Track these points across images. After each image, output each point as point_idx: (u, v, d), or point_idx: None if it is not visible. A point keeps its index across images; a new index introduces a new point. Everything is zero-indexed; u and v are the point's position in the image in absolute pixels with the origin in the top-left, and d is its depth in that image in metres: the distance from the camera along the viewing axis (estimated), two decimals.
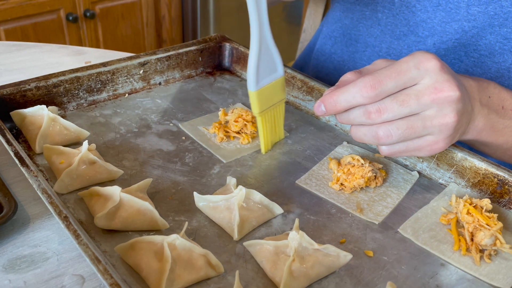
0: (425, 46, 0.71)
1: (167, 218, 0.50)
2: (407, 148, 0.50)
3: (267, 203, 0.51)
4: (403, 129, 0.47)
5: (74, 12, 1.79)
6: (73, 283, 0.43)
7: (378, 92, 0.46)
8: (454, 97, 0.47)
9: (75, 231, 0.42)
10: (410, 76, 0.46)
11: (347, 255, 0.45)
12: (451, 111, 0.47)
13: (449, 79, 0.47)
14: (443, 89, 0.46)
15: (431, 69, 0.46)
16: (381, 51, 0.76)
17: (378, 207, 0.54)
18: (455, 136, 0.50)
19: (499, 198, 0.55)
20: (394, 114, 0.47)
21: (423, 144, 0.49)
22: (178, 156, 0.59)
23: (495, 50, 0.66)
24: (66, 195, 0.52)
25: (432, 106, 0.47)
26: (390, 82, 0.46)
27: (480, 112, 0.53)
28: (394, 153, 0.51)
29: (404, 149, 0.50)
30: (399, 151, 0.50)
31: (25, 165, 0.49)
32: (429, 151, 0.50)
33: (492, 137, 0.55)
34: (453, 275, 0.46)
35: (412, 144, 0.49)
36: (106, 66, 0.68)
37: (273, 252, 0.45)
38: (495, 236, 0.48)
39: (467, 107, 0.50)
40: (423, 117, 0.47)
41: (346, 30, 0.81)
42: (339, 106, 0.49)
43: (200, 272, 0.43)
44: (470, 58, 0.68)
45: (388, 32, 0.74)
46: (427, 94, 0.46)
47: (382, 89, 0.46)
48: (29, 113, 0.59)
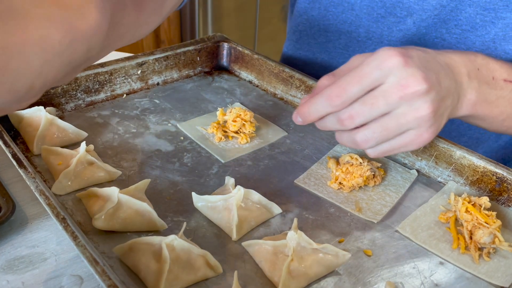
0: (405, 26, 0.70)
1: (166, 218, 0.50)
2: (392, 147, 0.49)
3: (266, 203, 0.51)
4: (378, 131, 0.47)
5: None
6: (71, 284, 0.43)
7: (344, 100, 0.47)
8: (421, 90, 0.46)
9: (73, 232, 0.42)
10: (374, 78, 0.46)
11: (345, 254, 0.45)
12: (423, 103, 0.46)
13: (414, 73, 0.45)
14: (408, 85, 0.45)
15: (393, 67, 0.45)
16: (359, 36, 0.75)
17: (377, 206, 0.54)
18: (439, 122, 0.49)
19: (498, 196, 0.54)
20: (366, 118, 0.47)
21: (406, 140, 0.48)
22: (177, 157, 0.59)
23: (477, 23, 0.65)
24: (64, 196, 0.51)
25: (401, 103, 0.46)
26: (354, 87, 0.46)
27: (469, 86, 0.52)
28: (381, 154, 0.51)
29: (390, 148, 0.50)
30: (385, 151, 0.50)
31: (23, 167, 0.49)
32: (417, 145, 0.49)
33: (487, 110, 0.54)
34: (452, 274, 0.46)
35: (395, 142, 0.49)
36: (104, 67, 0.68)
37: (272, 252, 0.45)
38: (493, 234, 0.48)
39: (445, 90, 0.49)
40: (396, 115, 0.46)
41: (313, 22, 0.79)
42: (312, 116, 0.50)
43: (198, 272, 0.43)
44: (452, 35, 0.68)
45: (364, 15, 0.73)
46: (393, 92, 0.45)
47: (347, 96, 0.47)
48: (27, 115, 0.59)
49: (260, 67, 0.75)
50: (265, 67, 0.74)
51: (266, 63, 0.74)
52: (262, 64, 0.74)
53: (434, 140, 0.58)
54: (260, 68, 0.75)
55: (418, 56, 0.47)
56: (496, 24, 0.64)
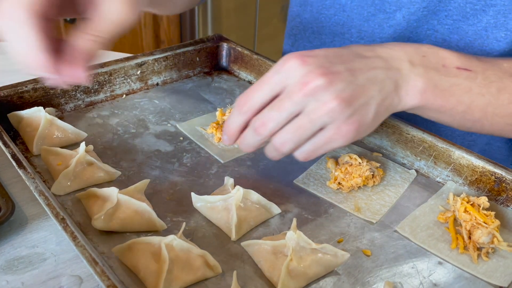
0: (395, 21, 0.70)
1: (165, 219, 0.50)
2: (316, 145, 0.48)
3: (265, 203, 0.51)
4: (293, 131, 0.47)
5: None
6: (70, 284, 0.43)
7: (250, 105, 0.48)
8: (321, 84, 0.45)
9: (72, 233, 0.42)
10: (275, 82, 0.47)
11: (344, 254, 0.45)
12: (328, 96, 0.46)
13: (312, 70, 0.46)
14: (307, 81, 0.46)
15: (291, 68, 0.46)
16: (352, 37, 0.75)
17: (376, 206, 0.54)
18: (363, 112, 0.48)
19: (497, 196, 0.55)
20: (278, 121, 0.47)
21: (327, 135, 0.47)
22: (176, 157, 0.59)
23: (467, 12, 0.65)
24: (63, 197, 0.51)
25: (307, 100, 0.46)
26: (257, 94, 0.48)
27: (413, 72, 0.51)
28: (309, 155, 0.49)
29: (314, 147, 0.48)
30: (311, 150, 0.49)
31: (22, 167, 0.49)
32: (341, 138, 0.48)
33: (441, 99, 0.52)
34: (451, 273, 0.46)
35: (317, 140, 0.48)
36: (103, 67, 0.68)
37: (271, 252, 0.45)
38: (492, 234, 0.48)
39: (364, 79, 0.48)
40: (307, 113, 0.46)
41: (307, 24, 0.79)
42: (231, 129, 0.51)
43: (198, 272, 0.43)
44: (444, 26, 0.67)
45: (355, 16, 0.73)
46: (296, 91, 0.46)
47: (252, 102, 0.48)
48: (26, 115, 0.59)
49: (259, 67, 0.75)
50: (264, 67, 0.74)
51: (266, 63, 0.74)
52: (262, 64, 0.75)
53: (433, 140, 0.58)
54: (259, 68, 0.75)
55: (322, 54, 0.48)
56: (487, 11, 0.64)
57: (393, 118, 0.61)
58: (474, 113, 0.54)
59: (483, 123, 0.55)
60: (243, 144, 0.51)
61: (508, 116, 0.54)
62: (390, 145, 0.62)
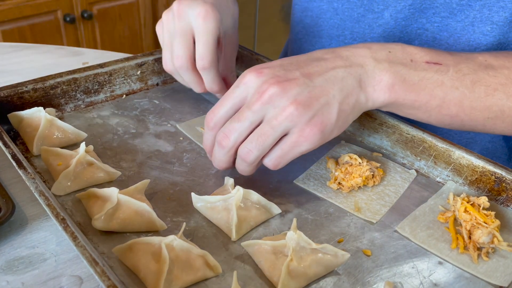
0: (383, 20, 0.70)
1: (165, 219, 0.50)
2: (283, 151, 0.48)
3: (265, 203, 0.51)
4: (255, 139, 0.48)
5: (71, 13, 1.79)
6: (71, 284, 0.43)
7: (215, 121, 0.50)
8: (276, 91, 0.47)
9: (72, 233, 0.42)
10: (235, 96, 0.49)
11: (345, 254, 0.45)
12: (285, 101, 0.47)
13: (266, 80, 0.48)
14: (263, 91, 0.47)
15: (248, 81, 0.48)
16: (346, 39, 0.77)
17: (376, 206, 0.54)
18: (325, 113, 0.48)
19: (497, 195, 0.55)
20: (240, 131, 0.48)
21: (293, 140, 0.47)
22: (176, 157, 0.59)
23: (454, 8, 0.65)
24: (64, 197, 0.51)
25: (266, 108, 0.47)
26: (221, 108, 0.50)
27: (378, 67, 0.50)
28: (278, 161, 0.49)
29: (282, 153, 0.48)
30: (279, 157, 0.49)
31: (22, 168, 0.49)
32: (306, 141, 0.47)
33: (411, 93, 0.51)
34: (451, 273, 0.46)
35: (283, 145, 0.48)
36: (103, 67, 0.68)
37: (271, 252, 0.45)
38: (492, 234, 0.48)
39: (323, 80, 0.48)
40: (267, 120, 0.47)
41: (309, 29, 0.81)
42: (206, 145, 0.53)
43: (198, 273, 0.43)
44: (433, 24, 0.67)
45: (347, 18, 0.74)
46: (254, 101, 0.47)
47: (217, 117, 0.50)
48: (27, 115, 0.59)
49: None
50: None
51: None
52: None
53: (433, 140, 0.58)
54: None
55: (278, 64, 0.50)
56: (473, 6, 0.64)
57: (393, 118, 0.61)
58: (450, 108, 0.52)
59: (462, 118, 0.53)
60: (214, 161, 0.52)
61: (486, 109, 0.53)
62: (390, 145, 0.62)
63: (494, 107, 0.52)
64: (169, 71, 0.64)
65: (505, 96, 0.52)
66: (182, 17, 0.60)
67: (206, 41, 0.59)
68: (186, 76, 0.62)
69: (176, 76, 0.65)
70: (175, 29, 0.61)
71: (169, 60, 0.63)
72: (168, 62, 0.63)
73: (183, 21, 0.60)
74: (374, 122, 0.63)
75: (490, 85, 0.52)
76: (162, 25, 0.63)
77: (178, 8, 0.60)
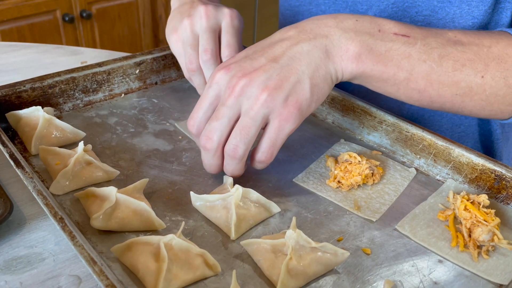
0: None
1: (164, 218, 0.49)
2: (271, 140, 0.49)
3: (264, 202, 0.51)
4: (239, 133, 0.48)
5: (70, 13, 1.78)
6: (69, 284, 0.43)
7: (197, 125, 0.51)
8: (245, 83, 0.47)
9: (70, 232, 0.42)
10: (209, 96, 0.50)
11: (344, 253, 0.45)
12: (256, 90, 0.47)
13: (235, 74, 0.48)
14: (233, 85, 0.48)
15: (218, 79, 0.49)
16: None
17: (376, 204, 0.53)
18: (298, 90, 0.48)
19: (497, 193, 0.54)
20: (221, 129, 0.49)
21: (275, 125, 0.48)
22: (175, 156, 0.59)
23: (435, 5, 0.65)
24: (62, 196, 0.51)
25: (240, 101, 0.48)
26: (199, 112, 0.51)
27: (343, 36, 0.50)
28: (272, 151, 0.50)
29: (271, 142, 0.49)
30: (270, 146, 0.49)
31: (20, 167, 0.49)
32: (288, 122, 0.48)
33: (378, 63, 0.50)
34: (451, 272, 0.46)
35: (268, 134, 0.48)
36: (102, 66, 0.68)
37: (271, 251, 0.45)
38: (492, 232, 0.48)
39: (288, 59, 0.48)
40: (244, 113, 0.48)
41: None
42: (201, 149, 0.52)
43: (197, 272, 0.43)
44: (417, 23, 0.67)
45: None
46: (227, 97, 0.48)
47: (197, 122, 0.51)
48: (25, 115, 0.59)
49: None
50: None
51: None
52: None
53: (433, 138, 0.58)
54: None
55: (243, 55, 0.50)
56: (453, 2, 0.64)
57: (392, 116, 0.61)
58: (418, 81, 0.52)
59: (430, 93, 0.53)
60: (206, 167, 0.53)
61: (454, 85, 0.52)
62: (390, 143, 0.62)
63: (462, 82, 0.52)
64: (191, 70, 0.62)
65: (473, 72, 0.51)
66: (210, 17, 0.61)
67: (234, 33, 0.61)
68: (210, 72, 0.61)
69: (195, 77, 0.63)
70: (202, 27, 0.61)
71: (194, 58, 0.61)
72: (194, 60, 0.61)
73: (212, 20, 0.61)
74: (373, 120, 0.63)
75: (458, 60, 0.51)
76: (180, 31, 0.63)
77: (206, 9, 0.62)
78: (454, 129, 0.74)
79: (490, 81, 0.52)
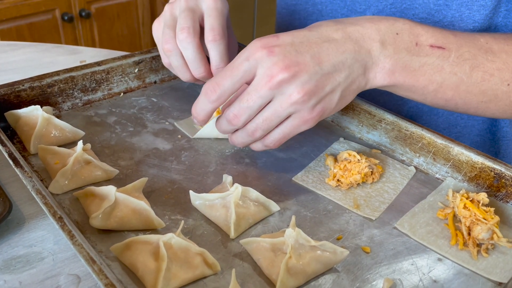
0: None
1: (163, 217, 0.49)
2: (284, 133, 0.50)
3: (264, 200, 0.50)
4: (262, 121, 0.49)
5: (69, 12, 1.78)
6: (68, 283, 0.43)
7: (219, 94, 0.49)
8: (285, 77, 0.46)
9: (69, 231, 0.42)
10: (244, 70, 0.48)
11: (344, 251, 0.44)
12: (293, 89, 0.47)
13: (277, 62, 0.47)
14: (273, 74, 0.47)
15: (259, 58, 0.47)
16: None
17: (375, 202, 0.53)
18: (328, 100, 0.49)
19: (496, 192, 0.54)
20: (249, 113, 0.49)
21: (294, 123, 0.49)
22: (174, 155, 0.59)
23: (431, 8, 0.65)
24: (61, 196, 0.51)
25: (273, 93, 0.47)
26: (226, 81, 0.49)
27: (382, 54, 0.51)
28: (279, 142, 0.51)
29: (283, 135, 0.51)
30: (280, 138, 0.51)
31: (19, 166, 0.49)
32: (305, 125, 0.50)
33: (411, 79, 0.52)
34: (451, 270, 0.46)
35: (284, 128, 0.50)
36: (101, 65, 0.68)
37: (270, 250, 0.45)
38: (492, 230, 0.48)
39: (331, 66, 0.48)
40: (273, 106, 0.48)
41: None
42: (201, 115, 0.52)
43: (196, 270, 0.43)
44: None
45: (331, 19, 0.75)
46: (262, 84, 0.47)
47: (222, 90, 0.49)
48: (24, 114, 0.59)
49: None
50: None
51: None
52: None
53: (432, 136, 0.58)
54: None
55: (289, 42, 0.48)
56: (450, 6, 0.64)
57: (392, 115, 0.61)
58: (446, 92, 0.53)
59: (457, 101, 0.55)
60: (219, 129, 0.53)
61: (481, 93, 0.54)
62: (389, 141, 0.62)
63: (489, 91, 0.54)
64: (168, 50, 0.58)
65: (499, 81, 0.53)
66: None
67: (217, 15, 0.58)
68: (188, 52, 0.57)
69: (173, 59, 0.59)
70: (182, 7, 0.59)
71: (170, 38, 0.58)
72: (170, 40, 0.58)
73: (191, 2, 0.59)
74: (373, 119, 0.63)
75: (487, 70, 0.53)
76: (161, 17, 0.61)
77: None
78: (451, 129, 0.74)
79: None
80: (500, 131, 0.75)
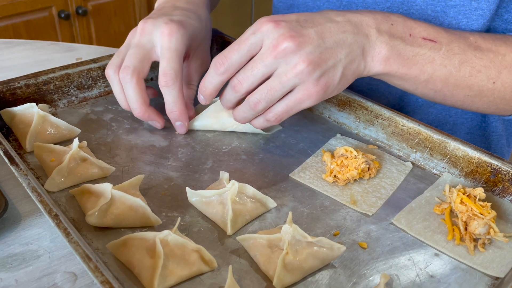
0: None
1: (160, 214, 0.49)
2: (288, 107, 0.52)
3: (260, 197, 0.50)
4: (265, 92, 0.50)
5: (66, 9, 1.77)
6: (65, 281, 0.43)
7: (227, 66, 0.51)
8: (291, 46, 0.48)
9: (65, 229, 0.42)
10: (251, 43, 0.50)
11: (340, 247, 0.44)
12: (298, 58, 0.48)
13: (283, 33, 0.49)
14: (278, 44, 0.48)
15: (266, 31, 0.49)
16: None
17: (372, 198, 0.53)
18: (331, 74, 0.50)
19: (493, 187, 0.54)
20: (252, 81, 0.51)
21: (298, 96, 0.51)
22: (171, 152, 0.59)
23: (429, 14, 0.65)
24: (57, 193, 0.51)
25: (278, 62, 0.49)
26: (234, 54, 0.51)
27: (378, 39, 0.53)
28: (282, 117, 0.53)
29: (287, 109, 0.52)
30: (284, 112, 0.52)
31: (15, 164, 0.49)
32: (310, 99, 0.51)
33: (403, 67, 0.54)
34: (447, 265, 0.46)
35: (288, 101, 0.51)
36: (97, 62, 0.68)
37: (267, 246, 0.45)
38: (488, 225, 0.48)
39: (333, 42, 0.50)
40: (278, 75, 0.50)
41: None
42: (208, 89, 0.54)
43: (193, 267, 0.43)
44: None
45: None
46: (268, 54, 0.49)
47: (229, 63, 0.51)
48: (19, 111, 0.59)
49: None
50: None
51: None
52: None
53: (429, 132, 0.58)
54: None
55: (294, 19, 0.51)
56: (447, 13, 0.64)
57: (388, 110, 0.61)
58: (436, 83, 0.56)
59: (445, 93, 0.58)
60: (223, 101, 0.55)
61: (468, 88, 0.57)
62: (386, 137, 0.62)
63: (475, 86, 0.57)
64: (107, 75, 0.59)
65: (486, 78, 0.56)
66: (145, 33, 0.59)
67: (170, 57, 0.57)
68: (127, 90, 0.57)
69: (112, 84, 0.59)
70: (135, 42, 0.59)
71: (115, 66, 0.58)
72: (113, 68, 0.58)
73: (146, 37, 0.59)
74: (369, 114, 0.63)
75: (475, 66, 0.56)
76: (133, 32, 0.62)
77: (143, 26, 0.60)
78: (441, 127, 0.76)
79: (500, 86, 0.57)
80: (489, 126, 0.75)
